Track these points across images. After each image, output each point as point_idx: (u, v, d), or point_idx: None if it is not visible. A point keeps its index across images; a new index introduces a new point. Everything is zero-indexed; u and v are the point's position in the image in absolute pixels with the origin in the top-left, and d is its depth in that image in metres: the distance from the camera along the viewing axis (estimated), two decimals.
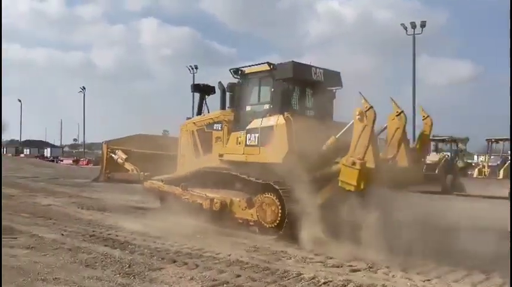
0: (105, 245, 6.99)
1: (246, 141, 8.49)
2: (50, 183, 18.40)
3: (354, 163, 6.77)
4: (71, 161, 52.11)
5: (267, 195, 7.97)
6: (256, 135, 8.32)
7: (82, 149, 72.29)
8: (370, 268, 6.01)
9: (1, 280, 5.09)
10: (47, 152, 65.08)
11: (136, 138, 12.49)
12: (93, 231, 8.16)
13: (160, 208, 10.47)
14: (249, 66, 9.09)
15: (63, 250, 6.58)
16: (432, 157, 20.96)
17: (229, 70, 9.22)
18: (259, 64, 8.82)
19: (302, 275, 5.55)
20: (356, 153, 6.86)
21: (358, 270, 5.91)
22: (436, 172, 20.12)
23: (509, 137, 18.02)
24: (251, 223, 8.28)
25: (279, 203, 7.72)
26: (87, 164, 46.55)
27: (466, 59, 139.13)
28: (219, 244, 7.19)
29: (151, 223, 8.80)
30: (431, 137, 19.89)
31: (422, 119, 8.26)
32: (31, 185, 17.27)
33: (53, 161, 53.30)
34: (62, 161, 54.26)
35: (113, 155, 11.85)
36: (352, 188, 6.84)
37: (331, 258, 6.48)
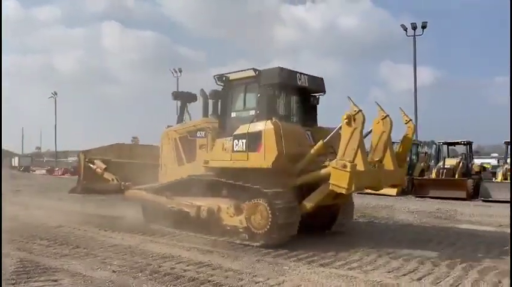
0: None
1: (233, 147, 8.44)
2: (39, 197, 15.37)
3: (345, 166, 6.89)
4: (44, 171, 48.21)
5: (256, 200, 7.94)
6: (244, 141, 8.28)
7: (45, 158, 69.83)
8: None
9: (1, 280, 4.98)
10: (15, 161, 57.01)
11: (114, 148, 12.24)
12: (148, 264, 6.41)
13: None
14: (234, 72, 9.06)
15: None
16: (450, 161, 20.32)
17: (214, 77, 9.14)
18: (244, 70, 8.80)
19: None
20: (346, 156, 6.98)
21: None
22: (456, 176, 19.06)
23: None
24: (240, 230, 8.20)
25: (269, 208, 7.70)
26: (63, 174, 42.64)
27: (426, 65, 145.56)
28: None
29: (198, 248, 7.71)
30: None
31: (405, 123, 8.49)
32: (19, 199, 14.41)
33: (24, 171, 48.16)
34: (34, 171, 49.72)
35: (91, 165, 11.52)
36: (344, 191, 6.97)
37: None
